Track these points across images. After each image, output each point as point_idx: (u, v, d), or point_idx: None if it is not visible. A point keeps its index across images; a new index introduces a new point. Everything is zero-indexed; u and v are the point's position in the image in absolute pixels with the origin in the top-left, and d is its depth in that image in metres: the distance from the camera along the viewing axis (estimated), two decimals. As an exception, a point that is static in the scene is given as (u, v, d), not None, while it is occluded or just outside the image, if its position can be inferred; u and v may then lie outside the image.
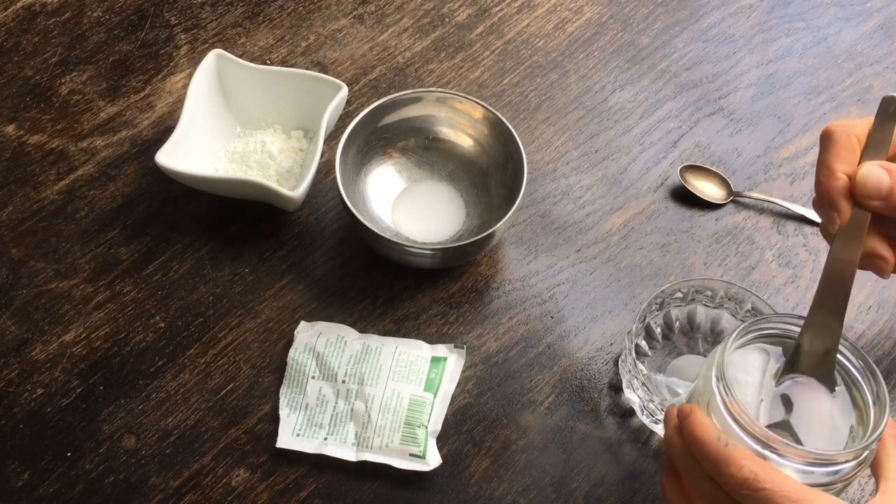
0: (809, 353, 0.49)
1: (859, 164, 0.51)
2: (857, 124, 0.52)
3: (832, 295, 0.49)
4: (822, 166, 0.52)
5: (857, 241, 0.50)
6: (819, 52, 0.85)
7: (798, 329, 0.50)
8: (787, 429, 0.48)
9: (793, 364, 0.49)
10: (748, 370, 0.50)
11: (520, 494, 0.62)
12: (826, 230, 0.53)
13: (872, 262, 0.52)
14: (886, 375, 0.68)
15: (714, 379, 0.47)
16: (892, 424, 0.48)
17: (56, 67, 0.81)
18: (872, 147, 0.51)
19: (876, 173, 0.50)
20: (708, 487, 0.46)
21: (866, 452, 0.45)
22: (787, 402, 0.49)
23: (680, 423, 0.48)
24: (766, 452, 0.45)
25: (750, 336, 0.50)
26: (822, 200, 0.51)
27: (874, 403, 0.47)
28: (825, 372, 0.49)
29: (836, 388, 0.49)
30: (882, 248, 0.52)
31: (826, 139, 0.52)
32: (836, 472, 0.45)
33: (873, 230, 0.52)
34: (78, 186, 0.75)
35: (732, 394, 0.46)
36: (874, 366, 0.48)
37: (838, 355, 0.49)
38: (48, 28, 0.84)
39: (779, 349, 0.51)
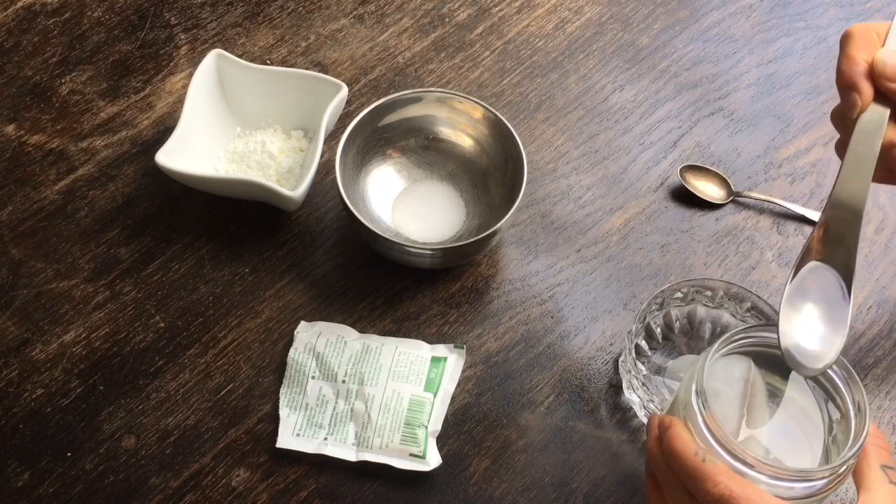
0: (830, 237, 0.49)
1: None
2: (877, 24, 0.53)
3: (853, 183, 0.49)
4: (843, 56, 0.52)
5: (877, 130, 0.50)
6: (819, 52, 0.85)
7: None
8: (766, 435, 0.48)
9: (810, 250, 0.49)
10: (730, 381, 0.49)
11: (520, 494, 0.62)
12: (841, 124, 0.53)
13: (892, 155, 0.51)
14: (886, 375, 0.68)
15: (693, 393, 0.47)
16: (875, 432, 0.47)
17: (56, 67, 0.81)
18: (891, 43, 0.52)
19: (895, 56, 0.50)
20: (686, 500, 0.46)
21: (844, 468, 0.45)
22: (769, 403, 0.48)
23: (660, 435, 0.48)
24: (743, 468, 0.44)
25: (734, 345, 0.49)
26: (844, 86, 0.51)
27: (855, 415, 0.46)
28: (844, 257, 0.48)
29: (817, 390, 0.48)
30: None
31: (846, 37, 0.52)
32: (813, 486, 0.45)
33: (893, 125, 0.51)
34: (78, 186, 0.75)
35: (710, 408, 0.46)
36: (854, 374, 0.47)
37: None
38: (48, 28, 0.84)
39: (766, 361, 0.50)
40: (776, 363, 0.49)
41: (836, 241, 0.49)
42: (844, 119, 0.52)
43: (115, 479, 0.62)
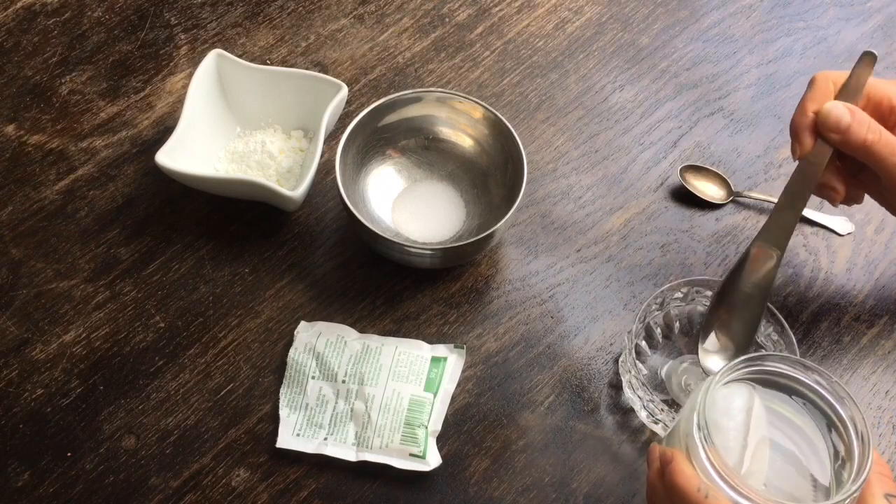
0: (758, 260, 0.58)
1: None
2: (839, 73, 0.59)
3: (787, 214, 0.58)
4: (799, 105, 0.59)
5: (816, 170, 0.58)
6: (819, 52, 0.85)
7: (788, 369, 0.49)
8: (770, 467, 0.47)
9: (711, 321, 0.59)
10: (731, 413, 0.48)
11: (520, 494, 0.62)
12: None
13: (825, 193, 0.60)
14: (886, 375, 0.68)
15: (695, 427, 0.46)
16: (878, 461, 0.47)
17: (56, 67, 0.81)
18: (844, 92, 0.58)
19: (839, 109, 0.57)
20: None
21: (848, 501, 0.44)
22: (771, 436, 0.48)
23: (661, 468, 0.48)
24: (746, 503, 0.44)
25: (735, 374, 0.49)
26: (791, 132, 0.59)
27: (858, 444, 0.46)
28: (742, 330, 0.59)
29: (822, 423, 0.49)
30: (836, 182, 0.59)
31: (809, 84, 0.59)
32: None
33: (832, 167, 0.59)
34: (78, 186, 0.75)
35: (712, 441, 0.45)
36: (857, 404, 0.47)
37: (829, 397, 0.48)
38: (48, 28, 0.84)
39: (767, 390, 0.50)
40: (779, 390, 0.49)
41: (743, 306, 0.59)
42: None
43: (115, 479, 0.62)
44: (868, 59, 0.58)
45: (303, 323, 0.68)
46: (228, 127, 0.76)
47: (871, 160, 0.57)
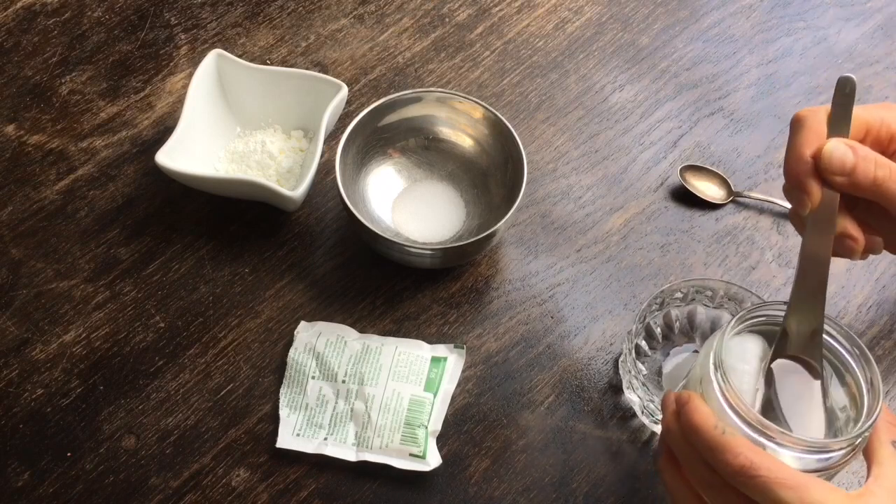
0: (797, 336, 0.50)
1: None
2: (823, 108, 0.52)
3: (812, 278, 0.50)
4: (791, 151, 0.52)
5: (829, 223, 0.51)
6: (819, 52, 0.85)
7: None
8: (778, 413, 0.48)
9: (781, 348, 0.50)
10: (745, 358, 0.50)
11: (520, 494, 0.62)
12: (796, 216, 0.53)
13: (843, 244, 0.52)
14: (886, 375, 0.68)
15: (711, 367, 0.48)
16: (886, 410, 0.48)
17: (56, 67, 0.81)
18: (834, 127, 0.51)
19: (840, 149, 0.50)
20: (705, 473, 0.46)
21: (859, 440, 0.46)
22: (777, 387, 0.49)
23: (678, 410, 0.48)
24: (762, 440, 0.45)
25: (748, 323, 0.50)
26: (792, 184, 0.52)
27: (868, 391, 0.48)
28: (813, 353, 0.50)
29: (826, 372, 0.49)
30: (853, 229, 0.52)
31: (795, 124, 0.52)
32: (829, 459, 0.46)
33: (844, 213, 0.52)
34: (78, 186, 0.75)
35: (729, 382, 0.47)
36: (868, 352, 0.48)
37: (832, 340, 0.50)
38: (48, 28, 0.84)
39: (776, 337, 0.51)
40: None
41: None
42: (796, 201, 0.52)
43: (115, 479, 0.62)
44: (847, 84, 0.52)
45: (303, 323, 0.68)
46: (228, 127, 0.76)
47: (883, 199, 0.51)
